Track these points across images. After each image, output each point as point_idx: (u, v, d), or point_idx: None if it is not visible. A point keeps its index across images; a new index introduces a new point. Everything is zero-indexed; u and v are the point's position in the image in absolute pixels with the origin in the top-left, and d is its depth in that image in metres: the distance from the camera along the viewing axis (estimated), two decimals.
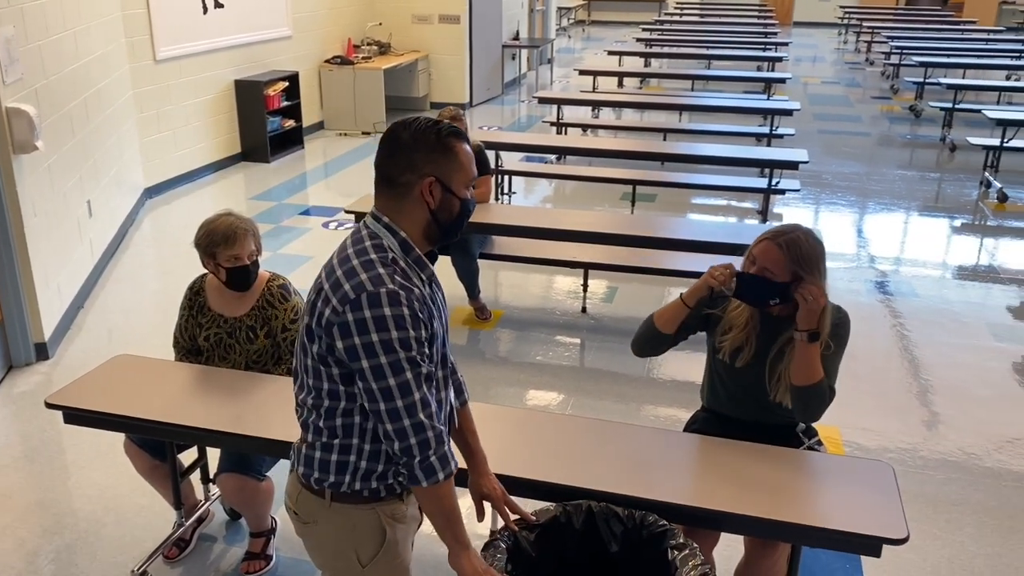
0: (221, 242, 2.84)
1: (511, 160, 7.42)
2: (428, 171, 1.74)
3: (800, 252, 2.33)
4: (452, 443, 2.06)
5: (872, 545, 2.12)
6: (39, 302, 4.43)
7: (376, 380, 1.68)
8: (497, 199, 6.87)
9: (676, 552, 2.04)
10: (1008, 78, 12.46)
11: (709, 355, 2.62)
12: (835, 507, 2.19)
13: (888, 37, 14.08)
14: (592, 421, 2.71)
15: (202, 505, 3.21)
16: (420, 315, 1.70)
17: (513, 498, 2.15)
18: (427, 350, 1.75)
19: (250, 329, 2.95)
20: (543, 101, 8.88)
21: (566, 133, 8.87)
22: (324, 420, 1.80)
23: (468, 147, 1.80)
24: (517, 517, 2.12)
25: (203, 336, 2.99)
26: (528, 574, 2.07)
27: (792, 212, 7.06)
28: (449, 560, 1.87)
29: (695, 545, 2.06)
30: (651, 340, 2.57)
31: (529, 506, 2.18)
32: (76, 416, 2.70)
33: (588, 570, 2.18)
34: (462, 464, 2.07)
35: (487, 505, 2.14)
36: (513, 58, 12.68)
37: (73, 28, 5.28)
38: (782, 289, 2.35)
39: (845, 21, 19.21)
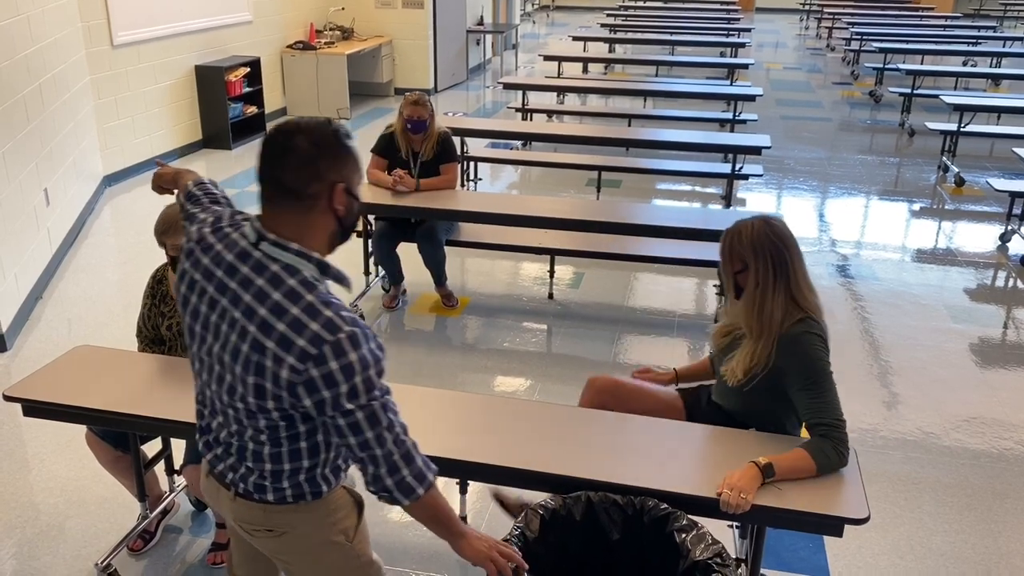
0: (168, 230, 2.80)
1: (477, 146, 7.39)
2: (334, 178, 1.65)
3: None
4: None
5: (834, 525, 2.16)
6: None
7: (345, 418, 1.62)
8: (463, 186, 6.85)
9: (683, 535, 2.03)
10: (964, 64, 12.67)
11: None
12: (798, 488, 2.22)
13: (848, 23, 14.24)
14: (561, 407, 2.72)
15: (167, 496, 3.17)
16: (376, 341, 1.65)
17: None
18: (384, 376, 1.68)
19: None
20: (508, 87, 8.85)
21: (531, 119, 8.86)
22: (287, 446, 1.73)
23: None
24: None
25: (166, 325, 2.95)
26: (537, 571, 2.05)
27: (755, 197, 7.13)
28: (455, 550, 1.84)
29: (703, 527, 2.05)
30: None
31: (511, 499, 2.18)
32: (36, 408, 2.65)
33: (594, 560, 2.17)
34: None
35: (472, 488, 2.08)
36: (478, 44, 12.62)
37: (27, 12, 5.16)
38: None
39: (806, 7, 19.38)
